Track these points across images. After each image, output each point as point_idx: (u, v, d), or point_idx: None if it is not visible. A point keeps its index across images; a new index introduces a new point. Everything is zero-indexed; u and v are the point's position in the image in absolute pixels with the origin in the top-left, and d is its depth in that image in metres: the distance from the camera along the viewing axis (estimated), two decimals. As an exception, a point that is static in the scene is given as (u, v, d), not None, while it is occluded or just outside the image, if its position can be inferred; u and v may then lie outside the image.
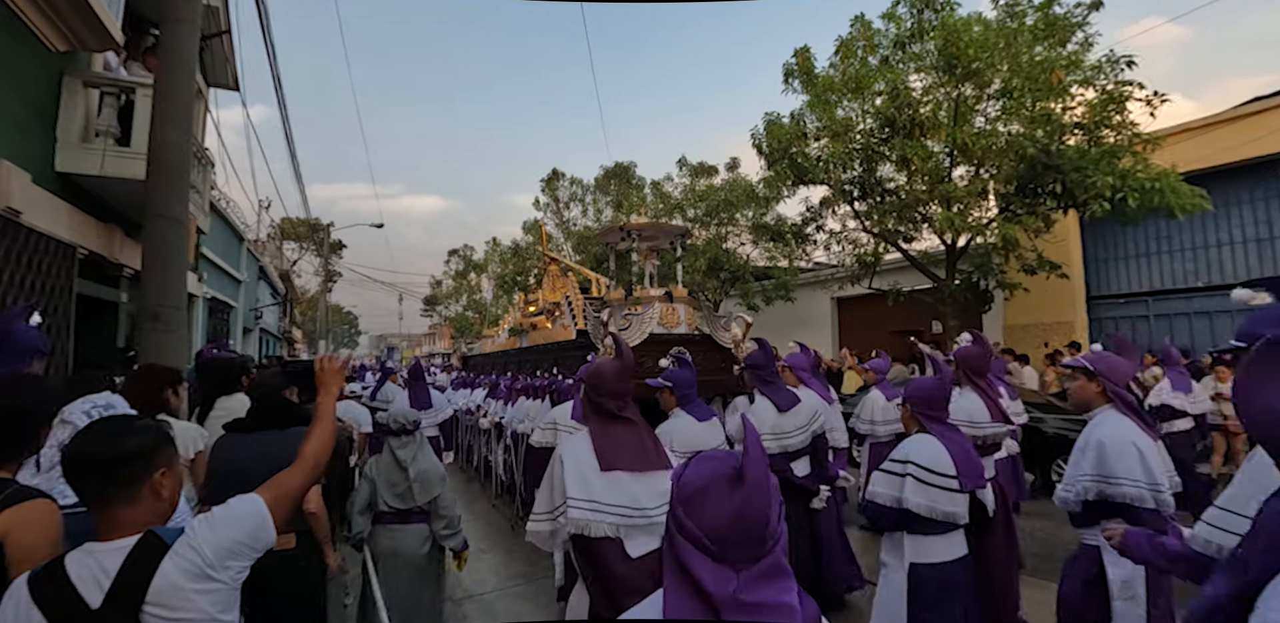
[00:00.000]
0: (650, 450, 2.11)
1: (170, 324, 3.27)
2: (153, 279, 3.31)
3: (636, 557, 1.93)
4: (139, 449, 1.17)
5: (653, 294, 6.11)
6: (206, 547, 1.13)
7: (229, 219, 11.63)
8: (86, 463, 1.14)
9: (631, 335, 5.57)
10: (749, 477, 0.86)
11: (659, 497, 2.00)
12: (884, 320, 14.56)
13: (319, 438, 1.49)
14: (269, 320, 17.43)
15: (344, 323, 53.83)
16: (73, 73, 4.83)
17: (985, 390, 3.35)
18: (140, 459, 1.17)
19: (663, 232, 7.20)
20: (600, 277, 10.00)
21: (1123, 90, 7.46)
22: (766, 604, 0.83)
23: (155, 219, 3.20)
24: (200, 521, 1.18)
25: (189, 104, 3.33)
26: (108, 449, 1.15)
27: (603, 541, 1.91)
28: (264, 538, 1.23)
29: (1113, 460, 2.11)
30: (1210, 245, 10.33)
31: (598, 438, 2.08)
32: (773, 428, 3.36)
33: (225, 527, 1.18)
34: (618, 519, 1.94)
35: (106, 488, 1.14)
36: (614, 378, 2.15)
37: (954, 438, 2.36)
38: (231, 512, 1.23)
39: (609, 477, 1.99)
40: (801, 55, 10.24)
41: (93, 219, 5.19)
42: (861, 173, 9.84)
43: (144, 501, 1.17)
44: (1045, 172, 7.69)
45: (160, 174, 3.21)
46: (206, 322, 9.93)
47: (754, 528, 0.85)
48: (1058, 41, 7.93)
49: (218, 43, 7.37)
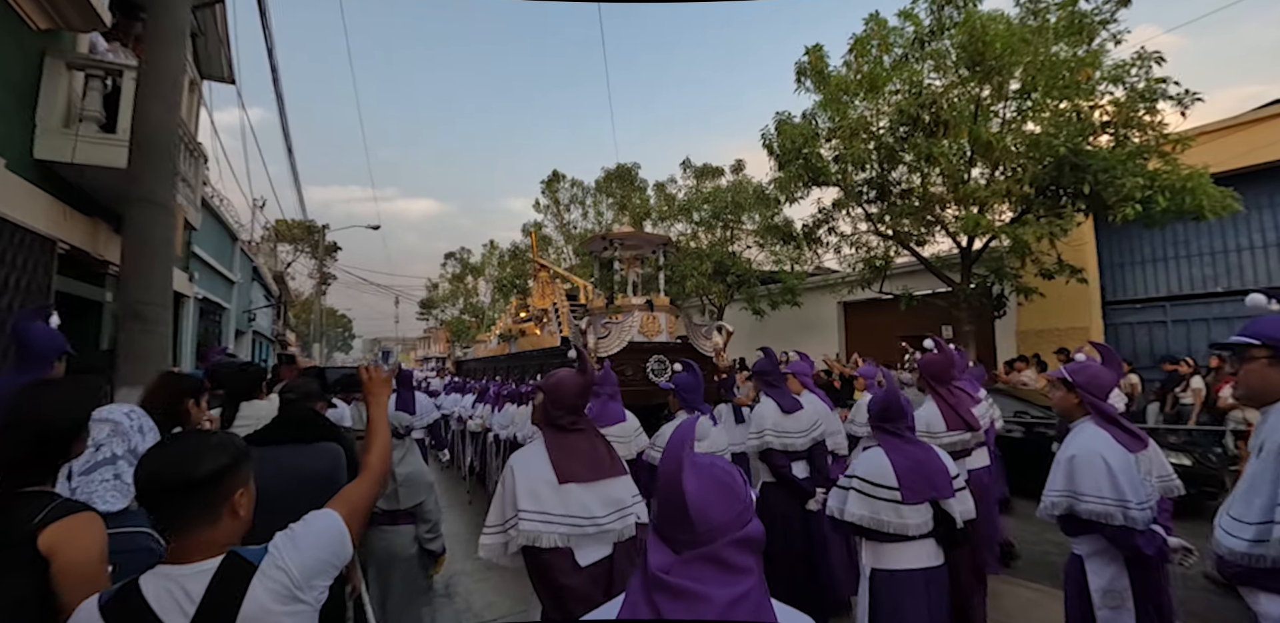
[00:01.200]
0: (604, 458, 2.13)
1: (153, 324, 2.89)
2: (134, 273, 2.91)
3: (585, 565, 1.98)
4: (219, 469, 1.10)
5: (634, 303, 6.26)
6: (294, 567, 1.09)
7: (222, 217, 11.27)
8: (164, 487, 1.07)
9: (611, 344, 5.62)
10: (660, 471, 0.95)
11: (610, 505, 2.05)
12: (892, 326, 14.29)
13: (380, 449, 1.46)
14: (262, 323, 17.02)
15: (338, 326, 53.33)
16: (55, 53, 4.50)
17: (945, 399, 3.35)
18: (220, 480, 1.11)
19: (645, 241, 7.39)
20: (588, 284, 10.10)
21: (1155, 87, 7.22)
22: (686, 590, 0.85)
23: (138, 205, 2.84)
24: (282, 539, 1.14)
25: (177, 78, 3.01)
26: (185, 471, 1.07)
27: (552, 551, 1.94)
28: (344, 554, 1.19)
29: (1080, 476, 2.11)
30: (1230, 250, 10.11)
31: (553, 451, 2.09)
32: (774, 425, 3.47)
33: (310, 545, 1.14)
34: (568, 529, 1.96)
35: (187, 512, 1.08)
36: (574, 393, 2.16)
37: (905, 448, 2.35)
38: (313, 528, 1.18)
39: (561, 488, 2.01)
40: (814, 53, 10.00)
41: (75, 212, 4.84)
42: (878, 173, 9.58)
43: (224, 521, 1.12)
44: (1072, 172, 7.44)
45: (144, 155, 2.86)
46: (197, 323, 9.55)
47: (671, 510, 0.91)
48: (1084, 38, 7.70)
49: (213, 32, 7.04)
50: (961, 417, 3.33)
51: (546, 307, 8.72)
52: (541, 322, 8.82)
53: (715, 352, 6.20)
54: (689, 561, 0.88)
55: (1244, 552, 1.54)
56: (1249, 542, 1.53)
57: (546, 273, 9.74)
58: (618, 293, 7.12)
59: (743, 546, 0.90)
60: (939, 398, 3.40)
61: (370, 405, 1.60)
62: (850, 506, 2.28)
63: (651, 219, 16.15)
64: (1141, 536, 2.01)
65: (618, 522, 2.05)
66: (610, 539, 2.05)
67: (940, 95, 8.47)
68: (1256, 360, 1.66)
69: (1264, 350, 1.64)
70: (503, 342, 10.14)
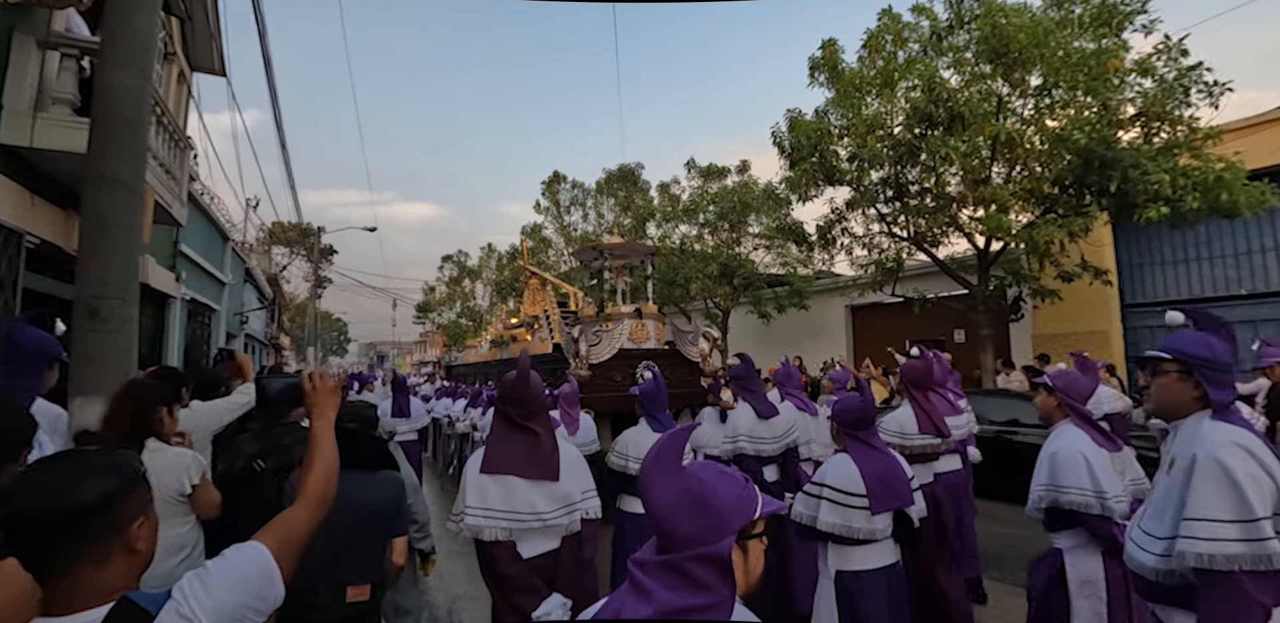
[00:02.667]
0: (543, 459, 2.16)
1: (112, 322, 2.46)
2: (90, 262, 2.49)
3: (529, 557, 2.08)
4: (105, 496, 0.91)
5: (623, 311, 6.56)
6: (204, 614, 0.90)
7: (213, 216, 10.88)
8: (36, 521, 0.86)
9: (602, 350, 6.00)
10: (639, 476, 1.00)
11: (558, 501, 2.14)
12: (902, 329, 13.98)
13: (322, 470, 1.27)
14: (255, 326, 16.58)
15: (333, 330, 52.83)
16: (25, 30, 4.14)
17: (921, 404, 3.51)
18: (108, 509, 0.91)
19: (633, 251, 7.66)
20: (577, 291, 10.43)
21: (1187, 77, 6.91)
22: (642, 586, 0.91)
23: (97, 183, 2.42)
24: (191, 580, 0.94)
25: (148, 44, 2.65)
26: (62, 502, 0.87)
27: (494, 543, 2.03)
28: (271, 597, 1.00)
29: (1062, 471, 2.26)
30: (1254, 251, 9.81)
31: (490, 444, 2.17)
32: (748, 431, 3.61)
33: (225, 587, 0.95)
34: (510, 524, 2.05)
35: (65, 551, 0.88)
36: (514, 387, 2.22)
37: (873, 457, 2.44)
38: (231, 566, 0.99)
39: (504, 483, 2.08)
40: (828, 48, 9.71)
41: (45, 202, 4.47)
42: (893, 172, 9.27)
43: (115, 559, 0.91)
44: (1100, 168, 7.12)
45: (106, 127, 2.46)
46: (185, 325, 9.15)
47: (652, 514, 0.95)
48: (1112, 30, 7.40)
49: (201, 19, 6.69)
50: (934, 422, 3.48)
51: (537, 313, 8.90)
52: (533, 328, 8.99)
53: (701, 357, 6.46)
54: (659, 563, 0.92)
55: (1153, 567, 1.58)
56: (1157, 557, 1.57)
57: (537, 280, 9.98)
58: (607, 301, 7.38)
59: (705, 562, 0.90)
60: (915, 402, 3.57)
61: (314, 418, 1.39)
62: (823, 514, 2.36)
63: (655, 220, 15.81)
64: (1118, 526, 2.15)
65: (564, 517, 2.14)
66: (558, 533, 2.16)
67: (958, 91, 8.16)
68: (1168, 375, 1.71)
69: (1174, 365, 1.69)
70: (494, 347, 10.25)
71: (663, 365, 6.05)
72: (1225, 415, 1.61)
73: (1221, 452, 1.51)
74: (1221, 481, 1.48)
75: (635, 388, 3.38)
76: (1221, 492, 1.48)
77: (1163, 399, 1.72)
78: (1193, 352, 1.66)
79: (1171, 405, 1.71)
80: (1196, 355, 1.65)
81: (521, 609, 1.98)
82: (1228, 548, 1.42)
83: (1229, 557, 1.42)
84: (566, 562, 2.14)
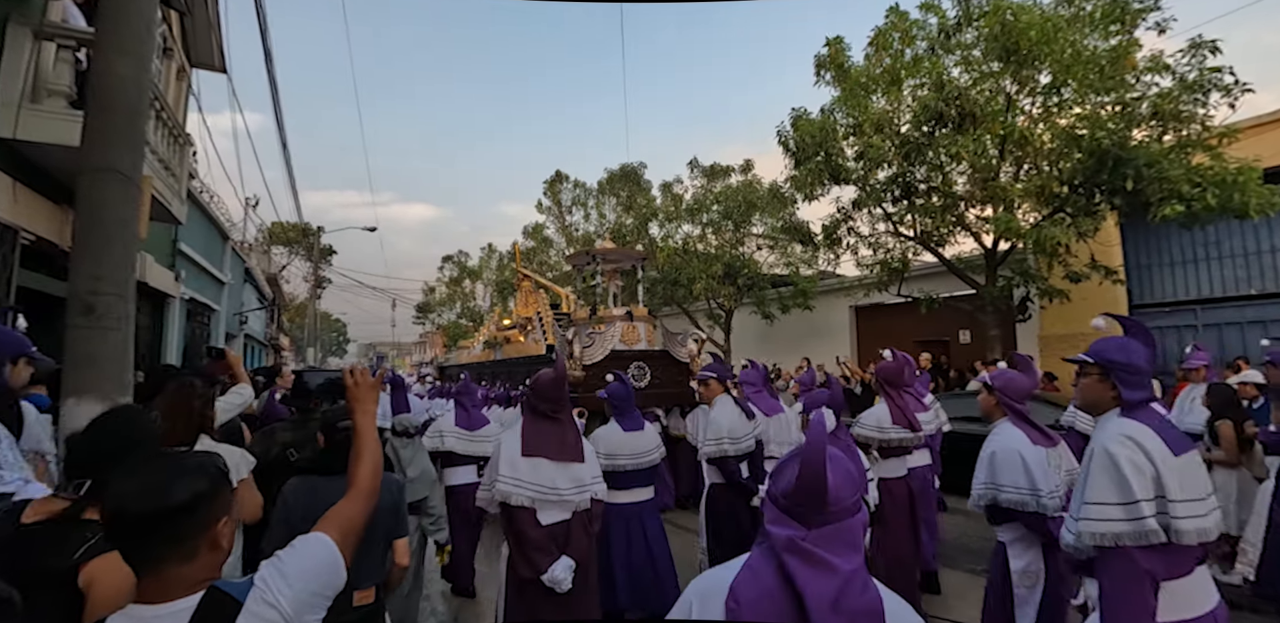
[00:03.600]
0: (570, 446, 2.62)
1: (108, 319, 2.36)
2: (84, 255, 2.39)
3: (546, 524, 2.47)
4: (195, 498, 0.97)
5: (615, 314, 6.83)
6: (285, 601, 0.97)
7: (212, 214, 10.77)
8: (132, 520, 0.94)
9: (595, 352, 6.26)
10: (805, 454, 1.08)
11: (573, 481, 2.55)
12: (907, 331, 13.89)
13: (369, 462, 1.34)
14: (255, 326, 16.47)
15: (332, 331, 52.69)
16: (20, 20, 4.04)
17: (895, 401, 3.76)
18: (196, 509, 0.97)
19: (624, 255, 8.08)
20: (569, 293, 10.61)
21: (1211, 77, 6.80)
22: (820, 557, 1.00)
23: (93, 174, 2.29)
24: (269, 569, 1.01)
25: (146, 29, 2.54)
26: (157, 503, 0.94)
27: (520, 509, 2.45)
28: (337, 584, 1.08)
29: (1000, 470, 2.40)
30: (1265, 250, 9.70)
31: (527, 430, 2.61)
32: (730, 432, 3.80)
33: (300, 575, 1.02)
34: (534, 494, 2.47)
35: (157, 547, 0.95)
36: (549, 387, 2.66)
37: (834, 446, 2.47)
38: (304, 556, 1.06)
39: (531, 462, 2.51)
40: (834, 46, 9.62)
41: (41, 198, 4.36)
42: (900, 170, 9.17)
43: (202, 555, 0.99)
44: (1115, 166, 7.02)
45: (103, 116, 2.34)
46: (185, 325, 9.04)
47: (811, 491, 1.04)
48: (1124, 28, 7.30)
49: (200, 11, 6.58)
50: (907, 417, 3.71)
51: (530, 315, 9.12)
52: (525, 330, 9.19)
53: (690, 358, 6.75)
54: (826, 536, 1.02)
55: (1072, 544, 1.79)
56: (1074, 535, 1.77)
57: (530, 283, 10.11)
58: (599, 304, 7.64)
59: (859, 526, 1.05)
60: (890, 399, 3.80)
61: (356, 413, 1.43)
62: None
63: (658, 220, 15.69)
64: (1052, 521, 2.27)
65: (576, 495, 2.55)
66: (570, 508, 2.54)
67: (967, 89, 8.06)
68: (1090, 376, 1.88)
69: (1095, 368, 1.86)
70: (487, 348, 10.46)
71: (653, 366, 6.49)
72: (1134, 413, 1.78)
73: (1112, 444, 1.71)
74: (1109, 468, 1.69)
75: (602, 391, 3.58)
76: (1109, 478, 1.69)
77: (1085, 397, 1.92)
78: (1108, 356, 1.84)
79: (1092, 403, 1.90)
80: (1112, 360, 1.83)
81: (535, 564, 2.38)
82: (1114, 527, 1.65)
83: (1116, 534, 1.64)
84: (577, 532, 2.53)
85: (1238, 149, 7.61)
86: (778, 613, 0.98)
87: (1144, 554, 1.61)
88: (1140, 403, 1.79)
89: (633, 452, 3.34)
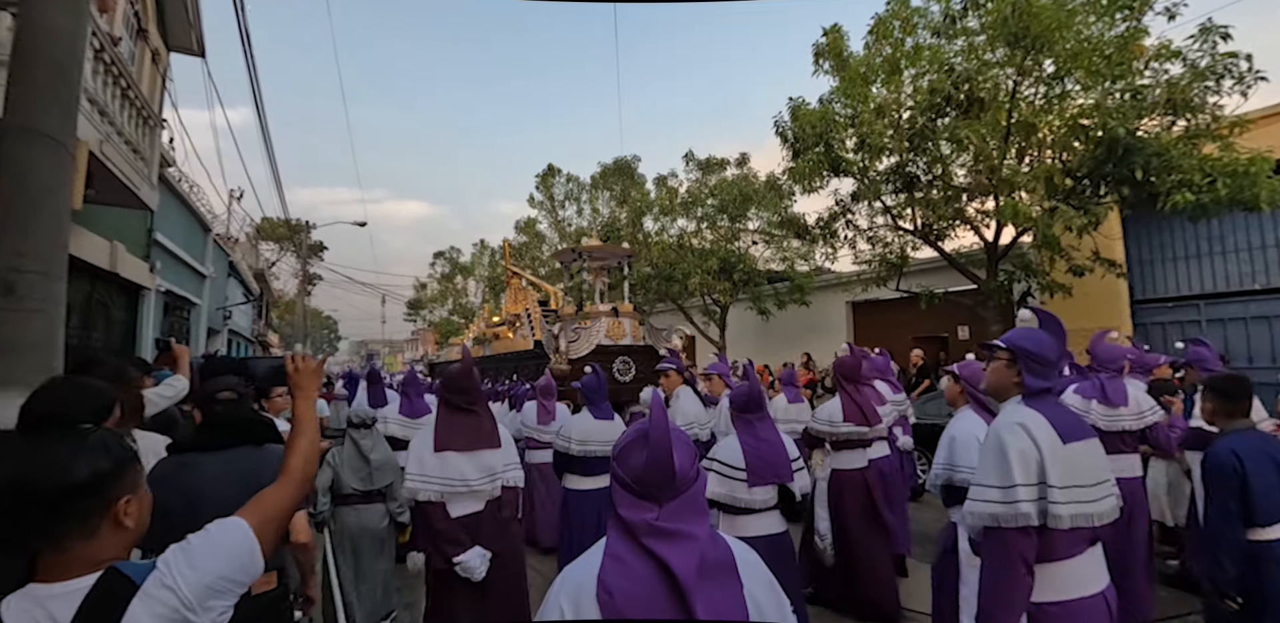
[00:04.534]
0: (484, 434, 2.68)
1: (30, 300, 2.07)
2: (8, 227, 2.09)
3: (456, 516, 2.56)
4: (95, 476, 0.95)
5: (601, 310, 7.04)
6: (185, 585, 0.94)
7: (191, 204, 10.42)
8: (28, 497, 0.91)
9: (581, 346, 6.43)
10: (652, 435, 1.12)
11: (483, 471, 2.63)
12: (905, 326, 13.71)
13: (304, 449, 1.29)
14: (241, 322, 16.09)
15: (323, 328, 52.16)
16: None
17: (851, 396, 3.85)
18: (100, 487, 0.95)
19: (611, 253, 8.33)
20: (557, 290, 10.85)
21: (1221, 64, 6.59)
22: (680, 532, 1.06)
23: (17, 135, 2.00)
24: (175, 552, 0.98)
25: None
26: (55, 479, 0.92)
27: (428, 503, 2.55)
28: (252, 571, 1.05)
29: (957, 452, 2.52)
30: (1269, 245, 9.54)
31: (439, 425, 2.67)
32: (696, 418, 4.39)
33: (207, 559, 0.98)
34: (440, 488, 2.55)
35: (54, 526, 0.93)
36: (459, 378, 2.72)
37: (757, 437, 2.75)
38: (213, 541, 1.02)
39: (440, 456, 2.58)
40: (833, 34, 9.37)
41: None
42: (902, 159, 8.94)
43: (103, 533, 0.96)
44: (1125, 156, 6.81)
45: (29, 71, 2.09)
46: (161, 319, 8.72)
47: (660, 471, 1.09)
48: (1134, 14, 7.08)
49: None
50: (863, 412, 3.79)
51: (519, 312, 9.16)
52: (514, 326, 9.22)
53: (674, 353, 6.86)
54: (674, 508, 1.09)
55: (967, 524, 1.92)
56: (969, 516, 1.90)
57: (519, 280, 10.23)
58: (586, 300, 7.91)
59: (702, 489, 1.16)
60: (845, 394, 3.87)
61: (296, 399, 1.41)
62: (711, 485, 2.64)
63: (653, 214, 15.42)
64: None
65: (488, 484, 2.62)
66: (482, 498, 2.63)
67: (976, 73, 7.83)
68: (999, 360, 1.95)
69: (1005, 353, 1.93)
70: (477, 344, 10.60)
71: (637, 360, 6.72)
72: (1032, 401, 1.85)
73: (1003, 430, 1.79)
74: (996, 453, 1.78)
75: (576, 382, 3.72)
76: (995, 462, 1.77)
77: (991, 381, 1.99)
78: (1019, 344, 1.90)
79: (997, 387, 1.97)
80: (1022, 347, 1.88)
81: (447, 556, 2.45)
82: (991, 508, 1.74)
83: (992, 515, 1.74)
84: (488, 521, 2.60)
85: (1249, 139, 7.43)
86: (651, 593, 1.01)
87: (1016, 536, 1.69)
88: (1041, 391, 1.86)
89: (603, 439, 3.56)
